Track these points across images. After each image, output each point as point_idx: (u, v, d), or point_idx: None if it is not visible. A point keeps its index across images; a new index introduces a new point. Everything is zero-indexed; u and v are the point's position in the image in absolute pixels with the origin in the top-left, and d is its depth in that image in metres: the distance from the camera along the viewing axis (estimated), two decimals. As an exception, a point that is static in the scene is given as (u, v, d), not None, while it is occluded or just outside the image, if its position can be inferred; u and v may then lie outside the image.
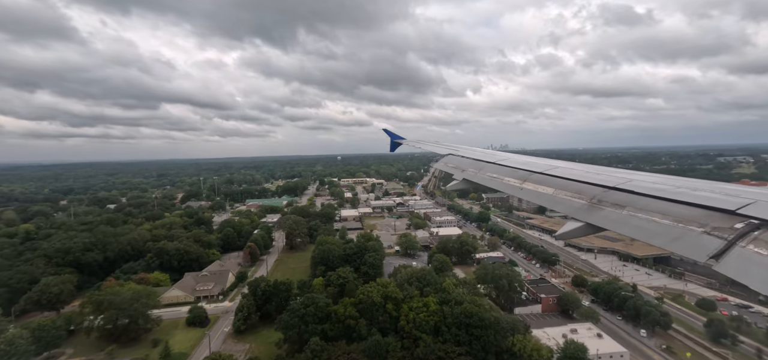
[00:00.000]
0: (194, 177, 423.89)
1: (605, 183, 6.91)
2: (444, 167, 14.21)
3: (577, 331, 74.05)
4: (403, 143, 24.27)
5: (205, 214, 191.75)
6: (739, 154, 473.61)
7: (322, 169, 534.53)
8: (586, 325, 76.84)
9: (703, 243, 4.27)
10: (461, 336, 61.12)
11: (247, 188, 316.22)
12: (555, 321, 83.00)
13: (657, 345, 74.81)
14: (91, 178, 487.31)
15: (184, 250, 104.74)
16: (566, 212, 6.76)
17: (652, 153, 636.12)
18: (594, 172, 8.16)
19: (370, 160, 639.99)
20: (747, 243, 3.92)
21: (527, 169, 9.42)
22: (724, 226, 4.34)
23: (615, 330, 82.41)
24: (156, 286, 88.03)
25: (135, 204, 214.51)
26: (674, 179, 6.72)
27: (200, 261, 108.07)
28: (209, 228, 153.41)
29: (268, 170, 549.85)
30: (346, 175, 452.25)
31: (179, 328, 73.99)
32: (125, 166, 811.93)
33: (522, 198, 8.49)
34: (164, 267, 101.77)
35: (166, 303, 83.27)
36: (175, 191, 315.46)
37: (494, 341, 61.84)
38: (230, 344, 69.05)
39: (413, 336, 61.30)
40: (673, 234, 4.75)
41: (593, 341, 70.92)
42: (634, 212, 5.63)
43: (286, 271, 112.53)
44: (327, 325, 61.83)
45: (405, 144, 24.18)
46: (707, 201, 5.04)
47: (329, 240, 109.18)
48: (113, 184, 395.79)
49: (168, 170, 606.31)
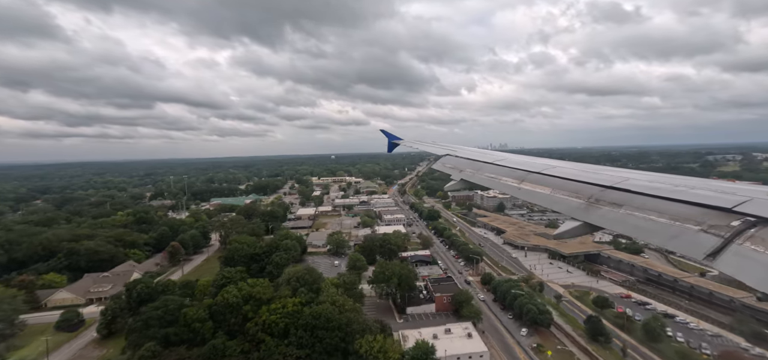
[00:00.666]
0: (180, 176, 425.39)
1: (602, 182, 6.93)
2: (442, 168, 14.10)
3: (451, 331, 73.76)
4: (400, 144, 24.11)
5: (158, 214, 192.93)
6: (736, 152, 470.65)
7: (309, 168, 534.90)
8: (464, 325, 76.39)
9: (700, 241, 4.28)
10: (306, 338, 60.99)
11: (216, 187, 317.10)
12: (443, 320, 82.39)
13: (529, 344, 74.27)
14: (77, 178, 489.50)
15: (93, 251, 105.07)
16: (564, 212, 6.79)
17: (645, 152, 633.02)
18: (591, 172, 8.17)
19: (364, 159, 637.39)
20: (743, 240, 3.94)
21: (525, 169, 9.44)
22: (721, 224, 4.36)
23: (500, 329, 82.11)
24: (48, 287, 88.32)
25: (93, 203, 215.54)
26: (671, 178, 6.73)
27: (114, 261, 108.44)
28: (151, 227, 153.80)
29: (256, 169, 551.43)
30: (327, 173, 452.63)
31: (47, 333, 73.66)
32: (121, 165, 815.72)
33: (520, 198, 8.60)
34: (73, 268, 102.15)
35: (53, 306, 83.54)
36: (145, 191, 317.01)
37: (340, 343, 61.64)
38: (89, 350, 68.86)
39: (257, 339, 61.21)
40: (670, 232, 4.75)
41: (460, 341, 70.70)
42: (632, 211, 5.65)
43: (209, 272, 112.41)
44: (171, 329, 61.68)
45: (403, 144, 24.00)
46: (704, 199, 5.05)
47: (241, 239, 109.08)
48: (93, 184, 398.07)
49: (158, 170, 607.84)
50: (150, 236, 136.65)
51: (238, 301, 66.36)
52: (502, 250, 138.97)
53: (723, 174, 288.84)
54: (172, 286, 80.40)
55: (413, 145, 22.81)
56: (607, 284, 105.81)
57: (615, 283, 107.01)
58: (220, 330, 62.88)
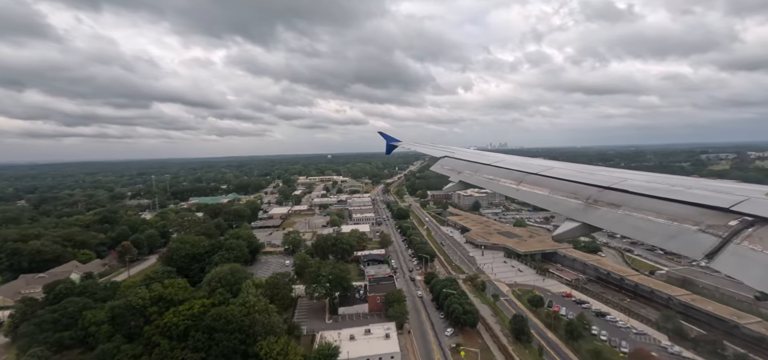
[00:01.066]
0: (163, 176, 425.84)
1: (600, 183, 6.94)
2: (440, 170, 14.02)
3: (371, 332, 72.47)
4: (399, 146, 23.86)
5: (129, 213, 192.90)
6: (732, 151, 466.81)
7: (301, 167, 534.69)
8: (387, 325, 75.01)
9: (699, 241, 4.29)
10: (202, 341, 59.84)
11: (202, 186, 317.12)
12: (375, 320, 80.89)
13: (449, 344, 72.84)
14: (69, 177, 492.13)
15: (36, 251, 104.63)
16: (563, 213, 6.76)
17: (641, 151, 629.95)
18: (588, 172, 8.18)
19: (361, 159, 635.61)
20: (741, 240, 3.94)
21: (523, 171, 9.44)
22: (719, 224, 4.35)
23: (427, 329, 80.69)
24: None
25: (68, 203, 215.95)
26: (668, 178, 6.72)
27: (59, 261, 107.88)
28: (113, 227, 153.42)
29: (248, 169, 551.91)
30: (316, 173, 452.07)
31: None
32: (118, 165, 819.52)
33: (518, 199, 8.68)
34: (15, 268, 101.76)
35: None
36: (133, 190, 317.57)
37: (239, 346, 60.49)
38: (-2, 351, 68.31)
39: (152, 342, 60.12)
40: (668, 232, 4.76)
41: (375, 342, 69.46)
42: (630, 211, 5.65)
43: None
44: (67, 333, 60.72)
45: (401, 146, 23.74)
46: (701, 199, 5.06)
47: (184, 239, 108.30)
48: (82, 183, 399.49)
49: (152, 169, 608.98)
50: (108, 236, 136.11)
51: (144, 302, 65.30)
52: (462, 249, 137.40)
53: (713, 173, 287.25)
54: (94, 287, 79.52)
55: (411, 148, 22.74)
56: (553, 283, 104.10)
57: (563, 281, 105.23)
58: (120, 333, 61.79)
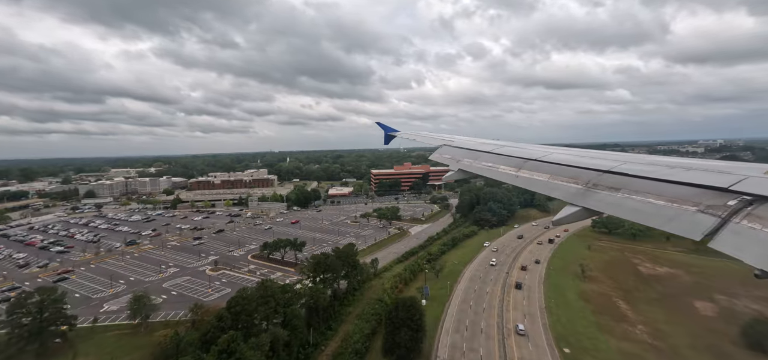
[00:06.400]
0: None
1: (599, 167, 6.92)
2: (439, 158, 13.47)
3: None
4: (397, 136, 23.90)
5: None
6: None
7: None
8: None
9: (698, 221, 4.30)
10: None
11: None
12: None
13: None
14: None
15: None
16: (563, 197, 6.71)
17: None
18: (588, 157, 8.16)
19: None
20: (740, 219, 3.97)
21: (522, 157, 9.46)
22: (718, 204, 4.37)
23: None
24: None
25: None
26: (667, 159, 6.77)
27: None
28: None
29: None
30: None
31: None
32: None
33: (518, 186, 8.45)
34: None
35: None
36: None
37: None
38: None
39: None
40: (668, 214, 4.76)
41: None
42: (629, 194, 5.63)
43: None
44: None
45: (399, 136, 23.69)
46: (700, 180, 5.06)
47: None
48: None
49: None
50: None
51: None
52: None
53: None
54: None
55: (410, 138, 22.36)
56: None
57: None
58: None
